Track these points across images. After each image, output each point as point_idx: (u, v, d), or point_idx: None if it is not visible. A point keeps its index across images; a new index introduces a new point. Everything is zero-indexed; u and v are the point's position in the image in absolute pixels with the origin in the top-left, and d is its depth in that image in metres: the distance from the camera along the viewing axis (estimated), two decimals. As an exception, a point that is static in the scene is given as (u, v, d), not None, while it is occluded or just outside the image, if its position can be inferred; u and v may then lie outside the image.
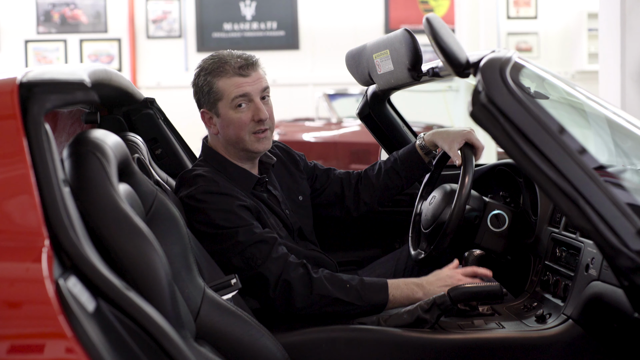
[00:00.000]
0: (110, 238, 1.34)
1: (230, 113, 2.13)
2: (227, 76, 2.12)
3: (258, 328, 1.71)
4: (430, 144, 2.39)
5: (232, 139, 2.16)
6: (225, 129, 2.15)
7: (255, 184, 2.19)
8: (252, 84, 2.13)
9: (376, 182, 2.44)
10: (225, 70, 2.12)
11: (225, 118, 2.14)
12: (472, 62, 1.52)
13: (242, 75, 2.12)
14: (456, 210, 2.18)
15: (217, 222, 2.03)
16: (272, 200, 2.22)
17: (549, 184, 1.35)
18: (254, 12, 9.83)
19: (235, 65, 2.12)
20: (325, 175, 2.46)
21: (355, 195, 2.45)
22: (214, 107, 2.15)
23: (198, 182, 2.08)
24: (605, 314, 1.80)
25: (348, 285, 2.00)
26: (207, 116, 2.18)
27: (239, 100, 2.12)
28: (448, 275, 2.07)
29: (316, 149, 7.45)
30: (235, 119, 2.13)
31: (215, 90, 2.13)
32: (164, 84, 9.70)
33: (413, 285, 2.05)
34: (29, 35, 9.79)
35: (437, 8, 9.93)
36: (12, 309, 1.18)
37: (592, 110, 1.86)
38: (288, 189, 2.34)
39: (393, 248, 2.71)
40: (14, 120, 1.26)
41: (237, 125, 2.13)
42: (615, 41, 4.24)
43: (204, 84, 2.15)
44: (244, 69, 2.12)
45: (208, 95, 2.14)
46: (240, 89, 2.11)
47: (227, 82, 2.12)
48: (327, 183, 2.45)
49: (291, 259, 2.03)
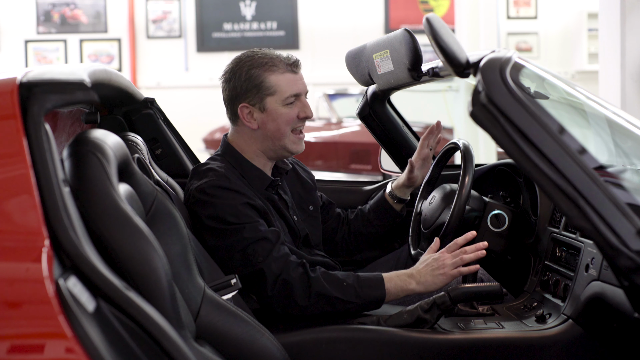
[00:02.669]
0: (110, 238, 1.34)
1: (280, 109, 2.14)
2: (279, 71, 2.14)
3: (258, 328, 1.71)
4: (397, 190, 2.45)
5: (273, 134, 2.16)
6: (268, 123, 2.15)
7: (268, 185, 2.20)
8: (301, 83, 2.18)
9: (352, 226, 2.49)
10: (276, 65, 2.14)
11: (272, 113, 2.14)
12: (472, 62, 1.52)
13: (293, 72, 2.16)
14: (456, 210, 2.18)
15: (224, 217, 2.04)
16: (281, 204, 2.23)
17: (549, 184, 1.35)
18: (254, 12, 9.83)
19: (285, 61, 2.15)
20: (329, 206, 2.49)
21: (342, 235, 2.49)
22: (261, 101, 2.14)
23: (209, 176, 2.09)
24: (605, 314, 1.80)
25: (345, 284, 2.00)
26: (246, 110, 2.16)
27: (292, 98, 2.14)
28: (434, 258, 2.05)
29: (316, 149, 7.45)
30: (284, 114, 2.14)
31: (266, 84, 2.13)
32: (164, 84, 9.71)
33: (405, 276, 2.04)
34: (29, 35, 9.79)
35: (437, 8, 9.93)
36: (12, 309, 1.18)
37: (592, 110, 1.86)
38: (299, 197, 2.35)
39: (393, 248, 2.70)
40: (14, 120, 1.26)
41: (285, 120, 2.14)
42: (615, 41, 4.24)
43: (249, 78, 2.14)
44: (294, 66, 2.16)
45: (257, 90, 2.14)
46: (295, 86, 2.15)
47: (281, 78, 2.14)
48: (328, 215, 2.48)
49: (292, 259, 2.03)
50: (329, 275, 2.02)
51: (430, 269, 2.03)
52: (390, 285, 2.02)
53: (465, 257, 2.02)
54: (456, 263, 2.02)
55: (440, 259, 2.04)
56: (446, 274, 2.02)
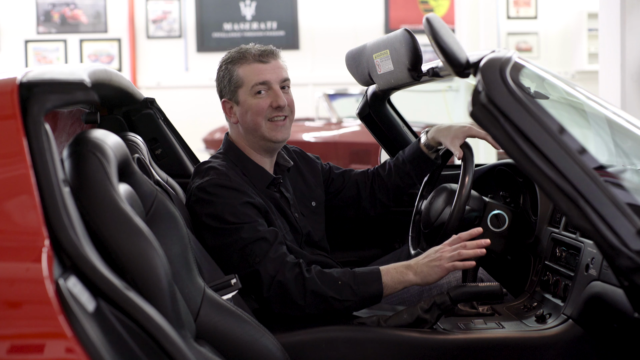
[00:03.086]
0: (110, 238, 1.34)
1: (249, 99, 2.17)
2: (247, 63, 2.17)
3: (258, 328, 1.71)
4: (433, 142, 2.40)
5: (250, 127, 2.18)
6: (243, 116, 2.19)
7: (270, 183, 2.20)
8: (271, 72, 2.18)
9: (388, 182, 2.46)
10: (246, 57, 2.17)
11: (244, 105, 2.18)
12: (472, 62, 1.52)
13: (261, 62, 2.17)
14: (456, 210, 2.18)
15: (223, 216, 2.04)
16: (283, 202, 2.23)
17: (549, 184, 1.35)
18: (254, 12, 9.83)
19: (255, 53, 2.17)
20: (340, 178, 2.47)
21: (371, 196, 2.47)
22: (234, 95, 2.19)
23: (210, 174, 2.11)
24: (605, 314, 1.80)
25: (340, 283, 1.99)
26: (227, 106, 2.22)
27: (259, 87, 2.16)
28: (434, 249, 2.05)
29: (316, 149, 7.45)
30: (253, 105, 2.16)
31: (235, 77, 2.18)
32: (164, 84, 9.71)
33: (402, 267, 2.03)
34: (29, 35, 9.79)
35: (437, 8, 9.93)
36: (12, 309, 1.18)
37: (592, 110, 1.86)
38: (301, 194, 2.35)
39: (393, 248, 2.71)
40: (14, 120, 1.26)
41: (255, 111, 2.16)
42: (615, 41, 4.24)
43: (225, 74, 2.20)
44: (263, 56, 2.17)
45: (229, 84, 2.19)
46: (260, 75, 2.16)
47: (247, 69, 2.17)
48: (342, 185, 2.46)
49: (288, 259, 2.02)
50: (324, 274, 2.01)
51: (428, 260, 2.03)
52: (387, 278, 2.01)
53: (463, 252, 2.01)
54: (453, 257, 2.01)
55: (439, 251, 2.04)
56: (442, 266, 2.01)
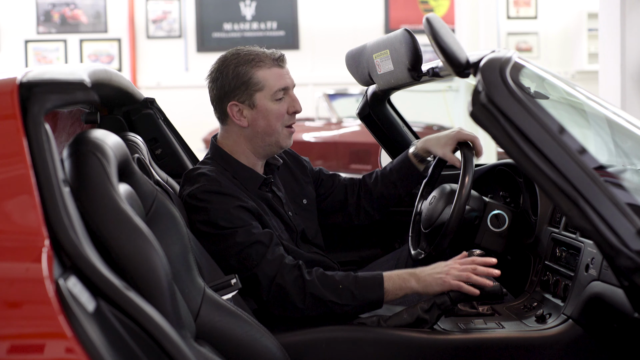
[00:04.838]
0: (110, 238, 1.34)
1: (269, 104, 2.12)
2: (266, 67, 2.12)
3: (258, 328, 1.71)
4: (423, 151, 2.39)
5: (263, 131, 2.14)
6: (257, 120, 2.13)
7: (261, 184, 2.19)
8: (288, 77, 2.16)
9: (374, 190, 2.44)
10: (263, 61, 2.12)
11: (262, 109, 2.12)
12: (472, 62, 1.52)
13: (280, 66, 2.14)
14: (456, 210, 2.17)
15: (217, 222, 2.02)
16: (275, 201, 2.22)
17: (549, 184, 1.35)
18: (254, 12, 9.84)
19: (271, 56, 2.13)
20: (330, 180, 2.46)
21: (357, 202, 2.45)
22: (250, 98, 2.12)
23: (200, 181, 2.07)
24: (605, 314, 1.80)
25: (341, 287, 1.97)
26: (236, 108, 2.14)
27: (281, 93, 2.13)
28: (444, 264, 2.02)
29: (316, 149, 7.45)
30: (274, 110, 2.12)
31: (254, 80, 2.11)
32: (164, 84, 9.71)
33: (405, 274, 2.01)
34: (29, 35, 9.79)
35: (437, 8, 9.93)
36: (12, 309, 1.18)
37: (592, 110, 1.86)
38: (292, 191, 2.33)
39: (393, 248, 2.70)
40: (14, 120, 1.26)
41: (275, 116, 2.13)
42: (615, 41, 4.24)
43: (236, 75, 2.11)
44: (280, 60, 2.15)
45: (243, 86, 2.11)
46: (281, 81, 2.13)
47: (268, 73, 2.12)
48: (331, 189, 2.45)
49: (287, 261, 2.00)
50: (325, 277, 1.99)
51: (434, 271, 1.99)
52: (389, 284, 1.99)
53: (472, 276, 1.97)
54: (461, 277, 1.97)
55: (448, 266, 2.00)
56: (446, 281, 1.96)
